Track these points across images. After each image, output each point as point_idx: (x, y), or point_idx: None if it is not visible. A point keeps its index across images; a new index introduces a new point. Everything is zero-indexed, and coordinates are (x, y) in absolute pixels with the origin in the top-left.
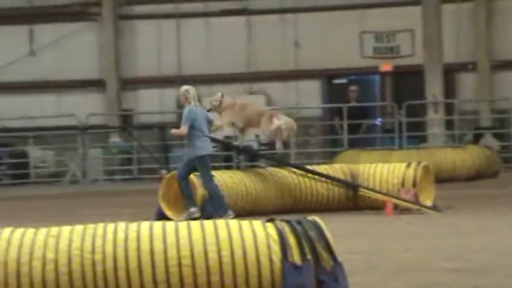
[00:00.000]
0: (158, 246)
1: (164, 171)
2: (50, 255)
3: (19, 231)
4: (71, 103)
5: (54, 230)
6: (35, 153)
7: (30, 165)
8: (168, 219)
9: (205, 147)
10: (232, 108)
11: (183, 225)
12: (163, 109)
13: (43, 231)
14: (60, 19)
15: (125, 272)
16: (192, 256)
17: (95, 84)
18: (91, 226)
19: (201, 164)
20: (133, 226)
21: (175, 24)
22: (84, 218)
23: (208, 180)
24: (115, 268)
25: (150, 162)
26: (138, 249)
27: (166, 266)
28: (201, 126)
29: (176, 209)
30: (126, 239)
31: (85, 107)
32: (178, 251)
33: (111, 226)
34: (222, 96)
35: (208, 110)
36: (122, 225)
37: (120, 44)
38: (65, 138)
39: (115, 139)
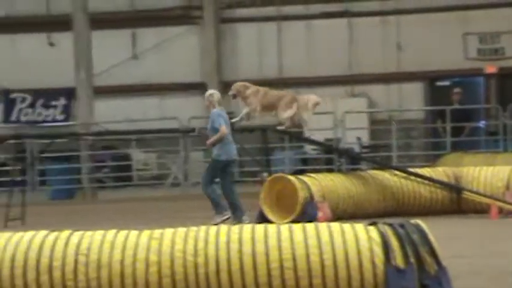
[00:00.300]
0: (260, 248)
1: (265, 174)
2: (153, 258)
3: (122, 233)
4: (173, 106)
5: (157, 232)
6: (138, 156)
7: (132, 168)
8: (269, 222)
9: (225, 152)
10: (255, 94)
11: (285, 227)
12: None
13: (146, 233)
14: (163, 23)
15: (227, 274)
16: (294, 259)
17: (197, 87)
18: (193, 229)
19: (213, 166)
20: (235, 229)
21: (276, 26)
22: (187, 221)
23: (208, 182)
24: (217, 271)
25: (251, 165)
26: (240, 251)
27: (268, 269)
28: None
29: (278, 211)
30: (228, 242)
31: (187, 110)
32: (280, 253)
33: (213, 229)
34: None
35: (234, 97)
36: (224, 228)
37: (221, 47)
38: (167, 141)
39: None
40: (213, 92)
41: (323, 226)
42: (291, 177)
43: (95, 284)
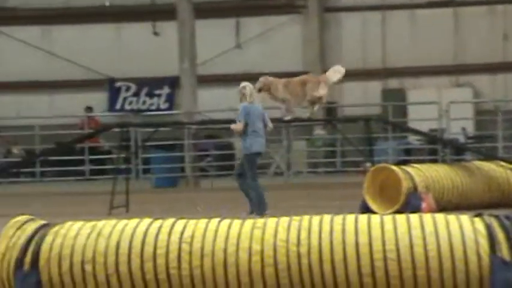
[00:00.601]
0: (363, 239)
1: (368, 164)
2: (256, 247)
3: (226, 222)
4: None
5: (260, 221)
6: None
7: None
8: (372, 212)
9: (255, 145)
10: (277, 86)
11: (388, 218)
12: (368, 101)
13: (249, 222)
14: (267, 12)
15: (330, 264)
16: (398, 250)
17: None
18: (296, 218)
19: (247, 161)
20: (338, 219)
21: (381, 16)
22: (289, 210)
23: (251, 179)
24: (320, 261)
25: (354, 155)
26: (343, 242)
27: (372, 260)
28: (254, 124)
29: (381, 202)
30: (331, 232)
31: None
32: (383, 244)
33: (316, 218)
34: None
35: (259, 90)
36: (327, 217)
37: (324, 36)
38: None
39: (319, 131)
40: (245, 85)
41: (427, 217)
42: (395, 168)
43: (198, 272)
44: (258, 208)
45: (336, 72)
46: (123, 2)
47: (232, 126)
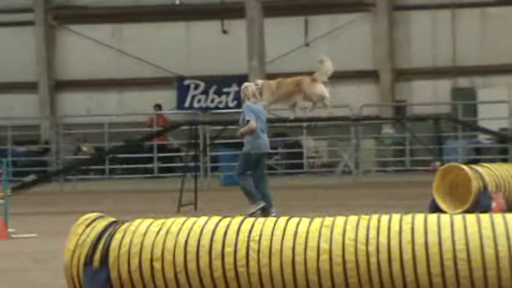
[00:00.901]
0: (433, 238)
1: (438, 163)
2: (324, 246)
3: (294, 220)
4: (344, 93)
5: (328, 220)
6: (309, 143)
7: (303, 155)
8: (442, 211)
9: (257, 146)
10: (269, 88)
11: (458, 218)
12: (437, 100)
13: (317, 221)
14: (336, 10)
15: (398, 264)
16: (468, 250)
17: (369, 75)
18: (365, 217)
19: (243, 159)
20: (407, 218)
21: (451, 14)
22: (358, 209)
23: (237, 173)
24: (389, 260)
25: (423, 153)
26: (412, 241)
27: (441, 259)
28: (257, 123)
29: (450, 201)
30: (400, 231)
31: (359, 98)
32: (453, 244)
33: (385, 217)
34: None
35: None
36: (396, 217)
37: (394, 34)
38: (338, 129)
39: (388, 130)
40: (247, 85)
41: (498, 217)
42: (464, 167)
43: (266, 270)
44: (251, 199)
45: (323, 74)
46: (192, 1)
47: (242, 130)
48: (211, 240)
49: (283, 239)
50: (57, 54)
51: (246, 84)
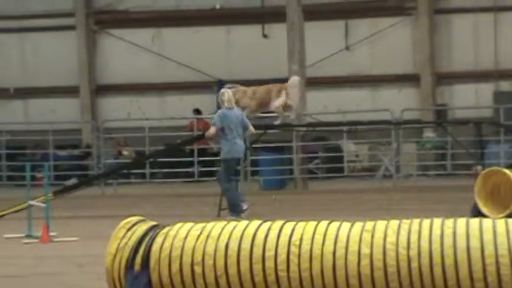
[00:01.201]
0: (475, 243)
1: (479, 167)
2: (365, 250)
3: (335, 224)
4: (385, 98)
5: (369, 224)
6: (349, 147)
7: (344, 160)
8: (484, 216)
9: (232, 151)
10: (244, 95)
11: (500, 222)
12: (479, 104)
13: (358, 225)
14: (376, 14)
15: (440, 268)
16: (510, 254)
17: (410, 79)
18: (406, 221)
19: (224, 166)
20: (449, 222)
21: (493, 17)
22: (399, 213)
23: (224, 181)
24: (430, 264)
25: (465, 158)
26: (454, 246)
27: (484, 264)
28: (232, 130)
29: (492, 206)
30: (441, 236)
31: (399, 102)
32: (495, 249)
33: (426, 222)
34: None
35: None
36: (437, 221)
37: (435, 38)
38: (378, 133)
39: (429, 134)
40: (224, 91)
41: None
42: (507, 171)
43: (307, 274)
44: (233, 210)
45: (294, 81)
46: (233, 5)
47: (206, 133)
48: (252, 244)
49: (324, 243)
50: (98, 59)
51: (223, 90)
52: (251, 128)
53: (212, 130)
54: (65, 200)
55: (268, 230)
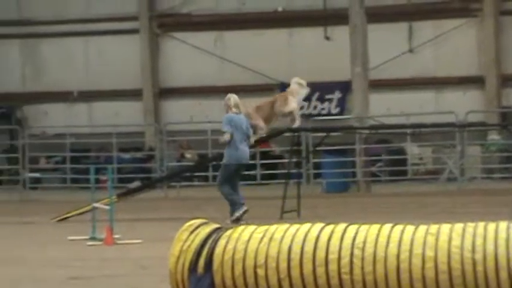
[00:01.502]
0: None
1: None
2: (430, 253)
3: (398, 227)
4: (449, 100)
5: (433, 227)
6: (413, 150)
7: (407, 162)
8: None
9: (235, 157)
10: (253, 113)
11: None
12: None
13: (422, 228)
14: (440, 16)
15: (506, 272)
16: None
17: (474, 81)
18: (471, 225)
19: (223, 169)
20: None
21: None
22: (463, 217)
23: (220, 184)
24: (496, 268)
25: None
26: None
27: None
28: (237, 135)
29: None
30: (507, 239)
31: (464, 104)
32: None
33: (492, 225)
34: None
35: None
36: (503, 224)
37: (501, 40)
38: (442, 136)
39: (494, 136)
40: (230, 96)
41: None
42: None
43: (370, 277)
44: (235, 207)
45: (300, 85)
46: (295, 8)
47: (221, 140)
48: (315, 247)
49: (387, 246)
50: (161, 62)
51: (228, 95)
52: (252, 139)
53: (227, 136)
54: (129, 202)
55: (332, 232)
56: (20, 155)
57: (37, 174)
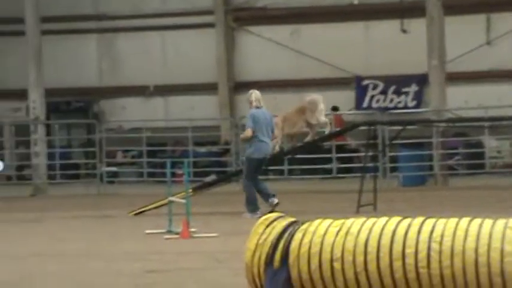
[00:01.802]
0: None
1: None
2: (508, 247)
3: (477, 221)
4: None
5: None
6: (491, 143)
7: (485, 155)
8: None
9: (258, 151)
10: (279, 122)
11: None
12: None
13: (501, 222)
14: None
15: None
16: None
17: None
18: None
19: (247, 164)
20: None
21: None
22: None
23: (246, 178)
24: None
25: None
26: None
27: None
28: (260, 130)
29: None
30: None
31: None
32: None
33: None
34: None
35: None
36: None
37: None
38: None
39: None
40: (251, 92)
41: None
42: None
43: (448, 272)
44: (248, 209)
45: (318, 103)
46: (371, 0)
47: (242, 135)
48: (392, 240)
49: (465, 240)
50: (236, 56)
51: (250, 91)
52: (276, 132)
53: (249, 132)
54: (204, 196)
55: (409, 226)
56: (97, 149)
57: (114, 168)
